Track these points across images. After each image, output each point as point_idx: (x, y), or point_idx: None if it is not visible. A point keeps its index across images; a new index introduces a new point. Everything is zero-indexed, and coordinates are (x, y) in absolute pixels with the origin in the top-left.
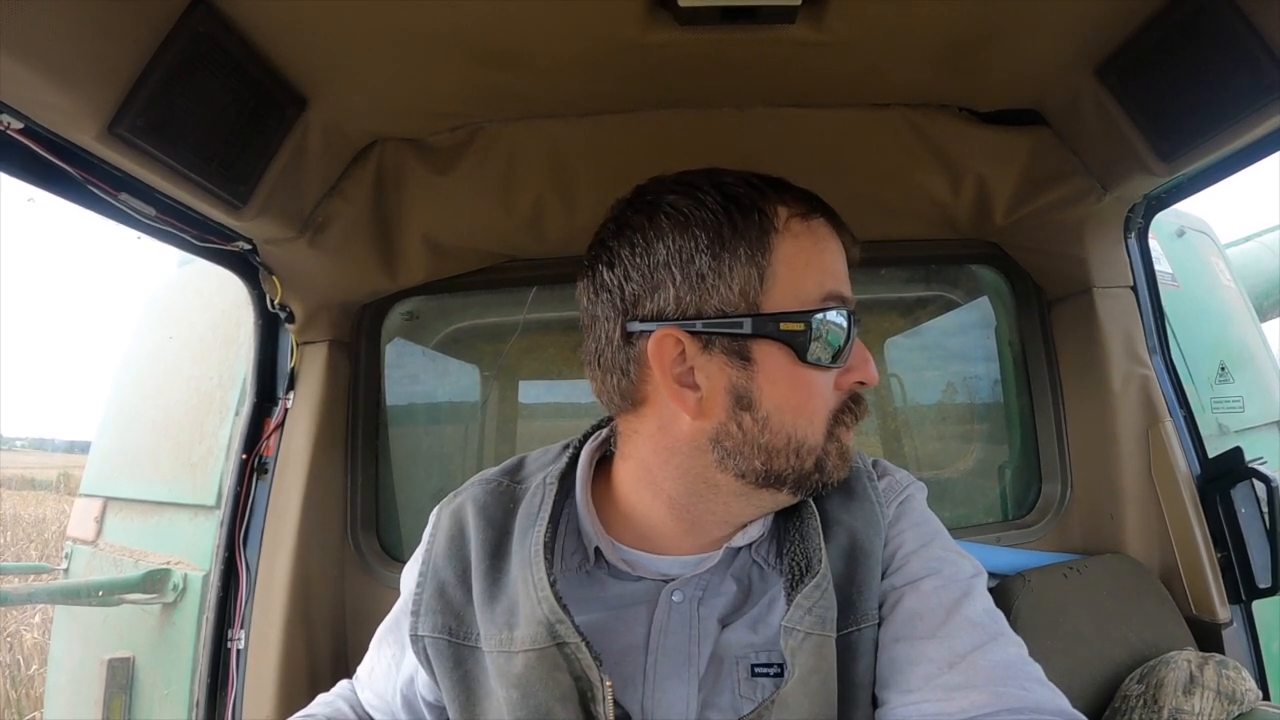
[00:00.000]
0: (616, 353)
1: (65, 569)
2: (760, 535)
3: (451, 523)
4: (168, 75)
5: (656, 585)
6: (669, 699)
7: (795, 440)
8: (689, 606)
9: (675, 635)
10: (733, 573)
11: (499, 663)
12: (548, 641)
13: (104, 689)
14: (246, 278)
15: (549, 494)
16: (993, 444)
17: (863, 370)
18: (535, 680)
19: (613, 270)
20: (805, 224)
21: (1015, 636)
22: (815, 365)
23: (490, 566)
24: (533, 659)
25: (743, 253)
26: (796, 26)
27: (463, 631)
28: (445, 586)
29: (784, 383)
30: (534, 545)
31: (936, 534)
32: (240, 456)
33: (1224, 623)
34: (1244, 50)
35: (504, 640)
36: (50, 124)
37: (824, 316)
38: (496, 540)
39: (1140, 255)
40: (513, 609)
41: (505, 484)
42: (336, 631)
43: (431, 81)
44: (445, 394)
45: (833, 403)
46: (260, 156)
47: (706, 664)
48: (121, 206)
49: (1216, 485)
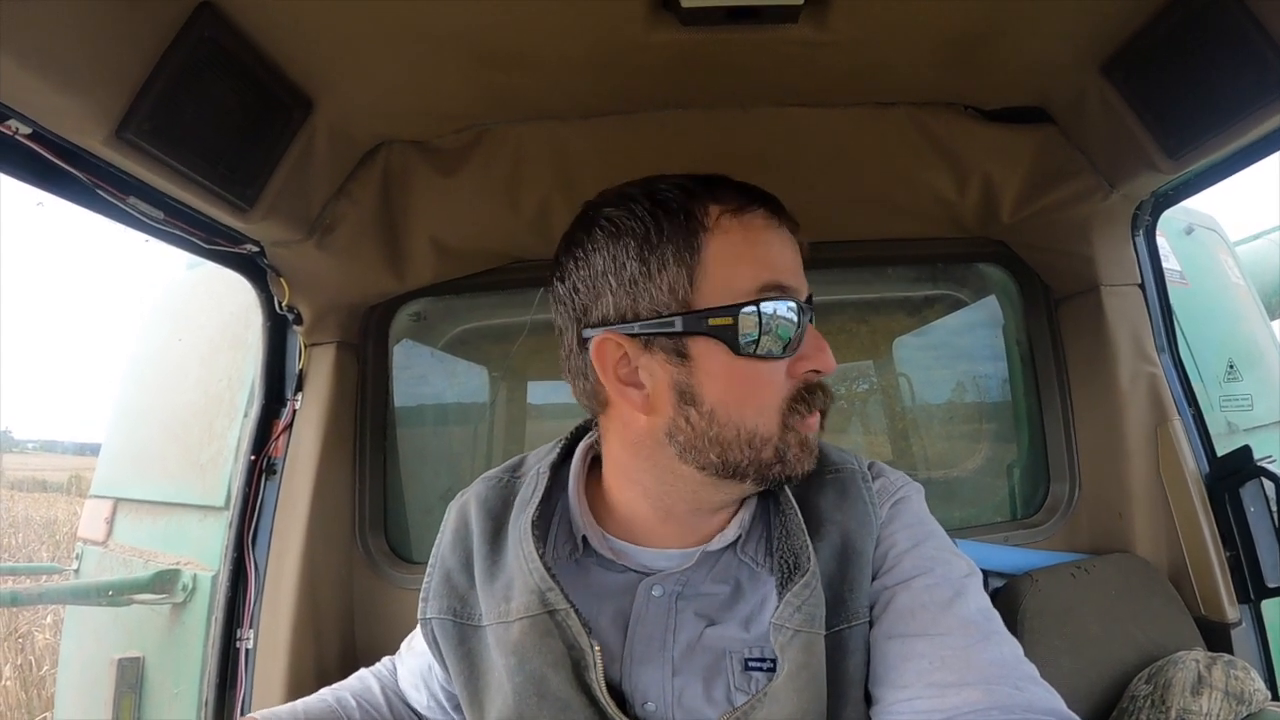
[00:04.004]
0: (576, 359)
1: (76, 569)
2: (738, 537)
3: (457, 517)
4: (174, 79)
5: (638, 578)
6: (646, 678)
7: (746, 432)
8: (667, 600)
9: (650, 623)
10: (717, 574)
11: (498, 633)
12: (539, 608)
13: (114, 688)
14: (254, 280)
15: (541, 481)
16: (1000, 443)
17: (815, 358)
18: (529, 646)
19: (564, 283)
20: (737, 219)
21: (1010, 636)
22: (757, 356)
23: (489, 551)
24: (526, 625)
25: (670, 255)
26: (799, 26)
27: (466, 612)
28: (450, 574)
29: (724, 377)
30: (524, 523)
31: (930, 534)
32: (249, 457)
33: (1233, 622)
34: (1250, 46)
35: (502, 612)
36: (58, 129)
37: (757, 307)
38: (494, 529)
39: (1148, 253)
40: (509, 583)
41: (505, 479)
42: (345, 631)
43: (437, 83)
44: (453, 395)
45: (786, 392)
46: (267, 159)
47: (681, 651)
48: (129, 210)
49: (1225, 484)
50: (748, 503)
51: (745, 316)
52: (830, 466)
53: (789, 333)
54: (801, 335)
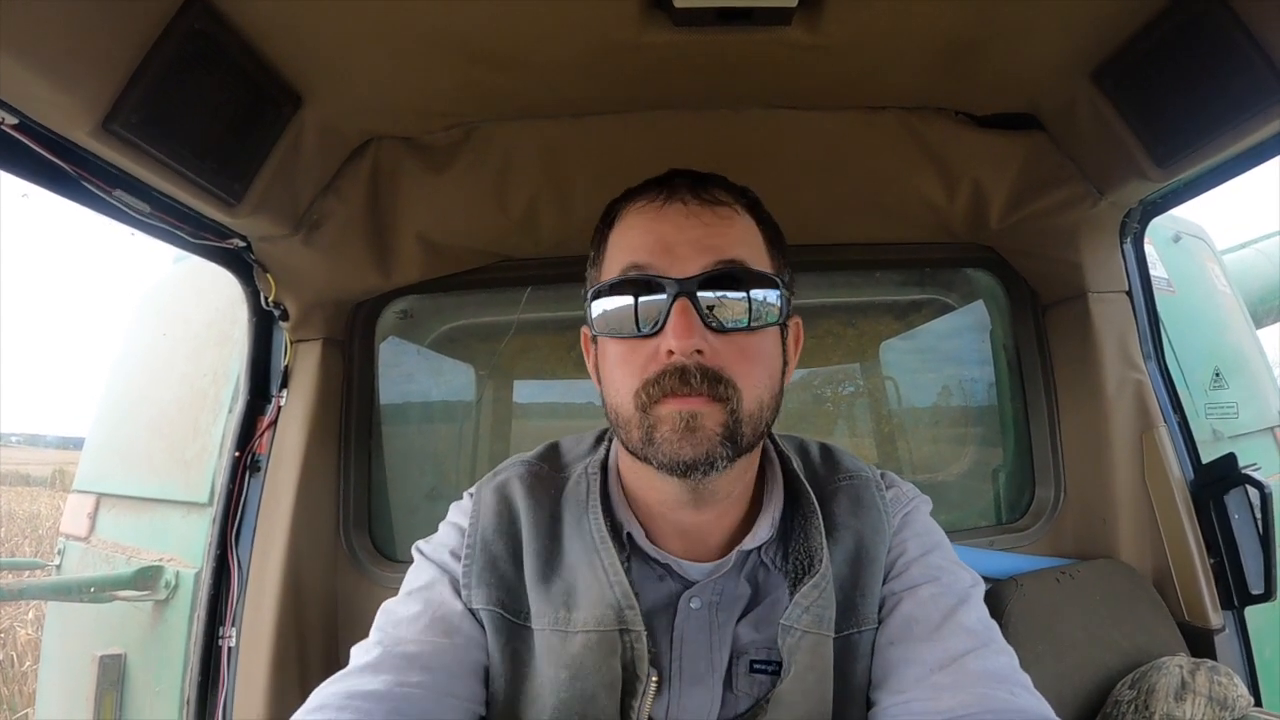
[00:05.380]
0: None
1: (58, 565)
2: (770, 537)
3: (497, 499)
4: (163, 72)
5: (680, 588)
6: (696, 701)
7: (614, 411)
8: (707, 613)
9: (695, 641)
10: (746, 574)
11: (551, 642)
12: (613, 624)
13: (95, 685)
14: (241, 275)
15: (594, 483)
16: (986, 447)
17: (665, 338)
18: (590, 664)
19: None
20: (639, 211)
21: (1007, 646)
22: (611, 336)
23: (544, 547)
24: (592, 640)
25: (593, 255)
26: (792, 28)
27: (514, 607)
28: (497, 560)
29: (602, 358)
30: (597, 531)
31: (938, 544)
32: (233, 454)
33: (1216, 628)
34: (1241, 56)
35: (560, 619)
36: (45, 120)
37: (607, 286)
38: (548, 522)
39: (1136, 260)
40: (570, 590)
41: (546, 470)
42: (328, 630)
43: (427, 80)
44: (439, 393)
45: (647, 373)
46: (255, 154)
47: (727, 670)
48: (116, 203)
49: (1210, 491)
50: (773, 501)
51: (596, 300)
52: (844, 473)
53: (626, 309)
54: (663, 316)
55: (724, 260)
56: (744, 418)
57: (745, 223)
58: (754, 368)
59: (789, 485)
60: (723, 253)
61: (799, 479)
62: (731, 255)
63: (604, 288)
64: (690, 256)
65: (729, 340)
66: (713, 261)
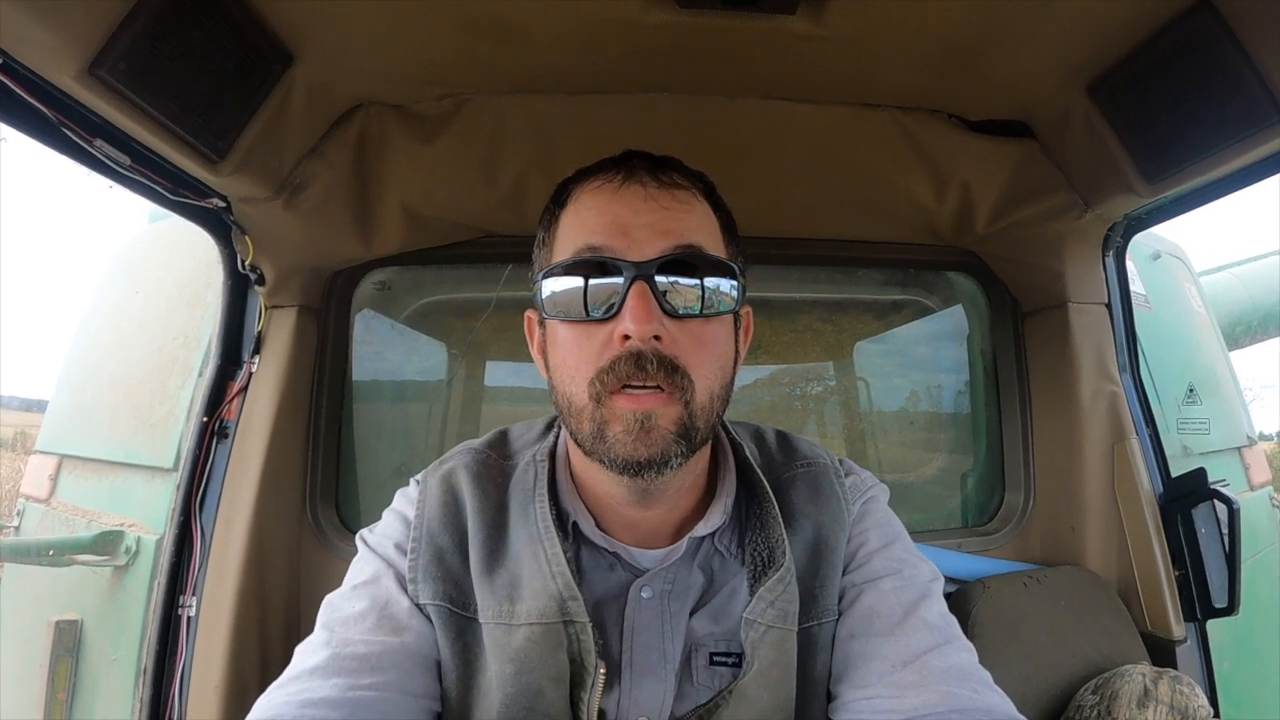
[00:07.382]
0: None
1: (16, 526)
2: (722, 523)
3: (443, 489)
4: (153, 20)
5: (630, 577)
6: (648, 692)
7: (565, 399)
8: (659, 602)
9: (646, 631)
10: (699, 562)
11: (496, 636)
12: (556, 616)
13: (50, 652)
14: (218, 236)
15: (541, 471)
16: (958, 451)
17: (621, 322)
18: (534, 657)
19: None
20: (595, 191)
21: (967, 642)
22: (563, 319)
23: (489, 538)
24: (536, 634)
25: (542, 236)
26: (796, 18)
27: (462, 601)
28: (443, 553)
29: (551, 343)
30: (542, 520)
31: (898, 535)
32: (201, 419)
33: (1178, 640)
34: (1237, 78)
35: (503, 613)
36: (29, 60)
37: (561, 266)
38: (494, 512)
39: (1117, 274)
40: (514, 582)
41: (493, 458)
42: (290, 603)
43: (422, 47)
44: (412, 370)
45: (602, 360)
46: (242, 111)
47: (681, 660)
48: (96, 153)
49: (1178, 504)
50: (725, 488)
51: (547, 279)
52: (801, 459)
53: (580, 294)
54: (620, 300)
55: (682, 245)
56: (697, 410)
57: (703, 208)
58: (708, 357)
59: (742, 473)
60: (681, 237)
61: (752, 467)
62: (690, 240)
63: (557, 268)
64: (648, 240)
65: (684, 327)
66: (671, 246)
